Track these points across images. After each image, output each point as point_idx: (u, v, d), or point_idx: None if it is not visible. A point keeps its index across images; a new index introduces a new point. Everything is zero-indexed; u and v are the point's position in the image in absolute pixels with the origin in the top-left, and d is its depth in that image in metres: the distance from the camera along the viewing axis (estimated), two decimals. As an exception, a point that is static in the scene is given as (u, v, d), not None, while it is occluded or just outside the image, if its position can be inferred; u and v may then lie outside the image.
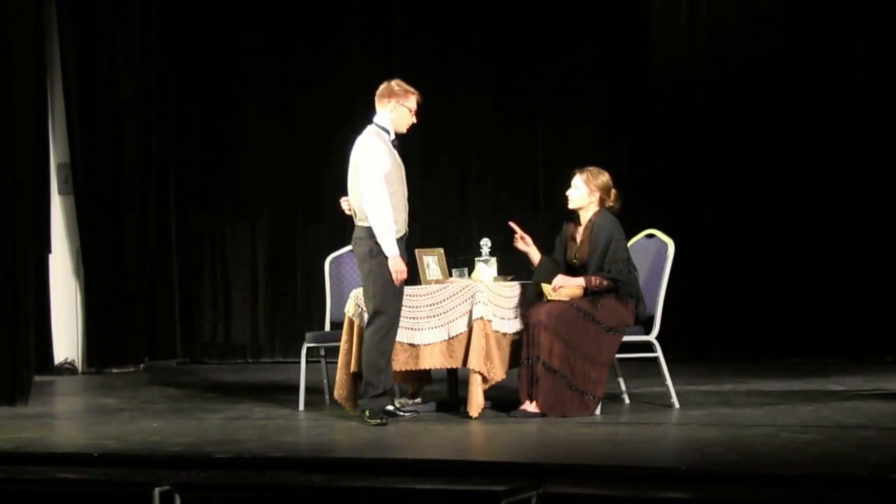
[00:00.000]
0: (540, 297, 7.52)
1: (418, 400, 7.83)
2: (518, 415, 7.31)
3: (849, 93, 10.34)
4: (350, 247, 7.64)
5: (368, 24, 11.45)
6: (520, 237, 7.67)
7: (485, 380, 7.33)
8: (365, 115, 7.49)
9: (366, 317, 7.32)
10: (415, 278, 7.62)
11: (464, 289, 7.45)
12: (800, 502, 5.07)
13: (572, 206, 7.63)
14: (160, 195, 11.46)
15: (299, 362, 8.09)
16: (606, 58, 10.91)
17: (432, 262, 7.71)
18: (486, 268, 7.68)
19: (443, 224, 11.04)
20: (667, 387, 7.64)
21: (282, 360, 11.43)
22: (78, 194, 10.86)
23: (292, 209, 11.59)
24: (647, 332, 7.62)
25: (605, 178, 7.59)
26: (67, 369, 10.75)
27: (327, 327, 8.32)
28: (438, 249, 7.86)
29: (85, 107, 10.83)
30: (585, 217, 7.59)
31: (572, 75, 11.01)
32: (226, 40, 11.60)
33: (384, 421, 7.18)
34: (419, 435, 6.92)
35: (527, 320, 7.42)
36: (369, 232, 7.21)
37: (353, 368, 7.46)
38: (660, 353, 7.60)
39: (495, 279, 7.65)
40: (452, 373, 7.75)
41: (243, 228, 11.67)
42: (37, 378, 9.20)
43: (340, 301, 8.14)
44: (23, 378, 8.47)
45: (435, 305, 7.44)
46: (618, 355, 7.56)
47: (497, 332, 7.42)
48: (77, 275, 11.01)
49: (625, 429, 7.00)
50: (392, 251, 7.17)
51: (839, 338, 10.25)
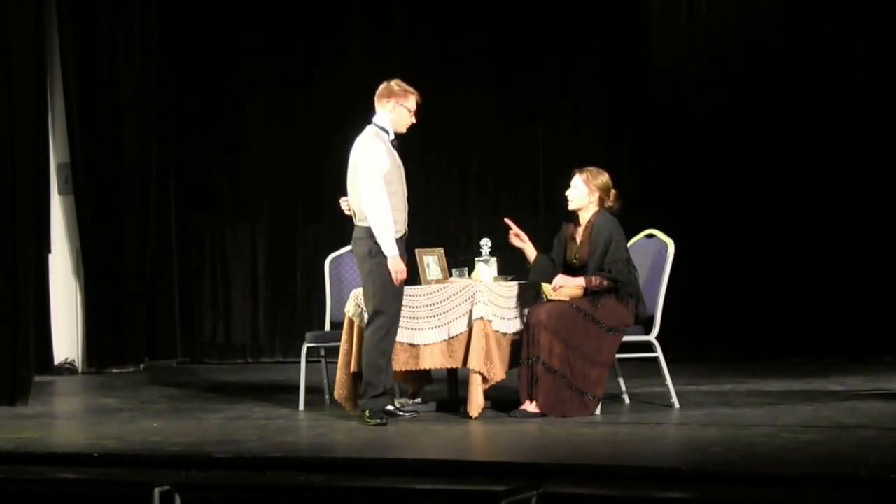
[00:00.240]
0: (538, 296, 7.52)
1: (418, 400, 7.83)
2: (518, 415, 7.31)
3: (849, 93, 10.34)
4: (350, 247, 7.64)
5: (368, 24, 11.45)
6: (515, 234, 7.67)
7: (485, 380, 7.32)
8: (365, 115, 7.49)
9: (366, 317, 7.32)
10: (415, 278, 7.62)
11: (464, 289, 7.44)
12: (800, 502, 5.07)
13: (572, 207, 7.62)
14: (160, 195, 11.45)
15: (299, 362, 8.09)
16: (606, 58, 10.91)
17: (432, 262, 7.71)
18: (486, 268, 7.68)
19: (443, 224, 11.05)
20: (667, 387, 7.64)
21: (282, 360, 11.42)
22: (78, 194, 10.85)
23: (292, 209, 11.58)
24: (647, 332, 7.61)
25: (604, 178, 7.58)
26: (67, 369, 10.74)
27: (327, 327, 8.32)
28: (438, 249, 7.85)
29: (85, 107, 10.82)
30: (585, 217, 7.59)
31: (572, 75, 11.01)
32: (226, 40, 11.60)
33: (384, 421, 7.18)
34: (419, 435, 6.92)
35: (527, 320, 7.42)
36: (369, 232, 7.21)
37: (353, 368, 7.46)
38: (660, 353, 7.60)
39: (495, 279, 7.65)
40: (452, 373, 7.75)
41: (243, 228, 11.67)
42: (37, 378, 9.19)
43: (340, 301, 8.14)
44: (23, 378, 8.47)
45: (435, 305, 7.44)
46: (618, 355, 7.56)
47: (497, 332, 7.41)
48: (77, 275, 11.01)
49: (625, 429, 7.00)
50: (391, 251, 7.16)
51: (839, 338, 10.25)
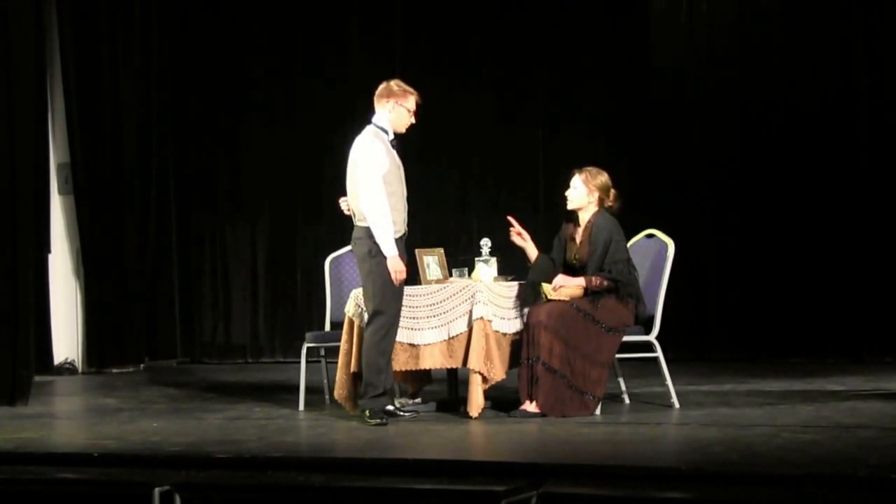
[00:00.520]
0: (538, 296, 7.52)
1: (418, 400, 7.83)
2: (518, 415, 7.31)
3: (849, 93, 10.34)
4: (350, 247, 7.64)
5: (368, 24, 11.44)
6: (517, 232, 7.67)
7: (485, 380, 7.32)
8: (365, 116, 7.48)
9: (366, 317, 7.32)
10: (415, 278, 7.61)
11: (464, 289, 7.44)
12: (800, 502, 5.07)
13: (571, 207, 7.62)
14: (160, 195, 11.45)
15: (299, 362, 8.09)
16: (606, 58, 10.91)
17: (432, 262, 7.71)
18: (486, 268, 7.67)
19: (443, 224, 11.05)
20: (667, 387, 7.64)
21: (282, 360, 11.42)
22: (78, 194, 10.85)
23: (292, 209, 11.58)
24: (647, 332, 7.61)
25: (604, 178, 7.58)
26: (67, 369, 10.74)
27: (327, 327, 8.32)
28: (438, 249, 7.85)
29: (85, 107, 10.82)
30: (584, 217, 7.58)
31: (572, 75, 11.01)
32: (226, 40, 11.60)
33: (384, 421, 7.18)
34: (419, 435, 6.92)
35: (527, 320, 7.42)
36: (368, 232, 7.20)
37: (353, 368, 7.46)
38: (660, 353, 7.60)
39: (495, 279, 7.65)
40: (452, 373, 7.74)
41: (243, 228, 11.67)
42: (37, 378, 9.18)
43: (340, 301, 8.14)
44: (23, 378, 8.46)
45: (435, 305, 7.44)
46: (618, 355, 7.56)
47: (497, 332, 7.41)
48: (77, 275, 11.01)
49: (625, 429, 7.00)
50: (390, 251, 7.16)
51: (839, 338, 10.25)
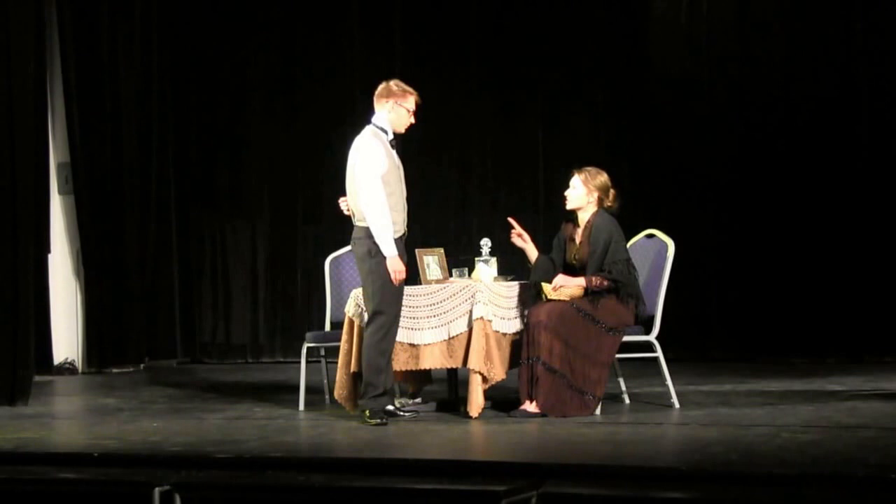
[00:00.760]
0: (538, 296, 7.52)
1: (418, 400, 7.82)
2: (518, 415, 7.30)
3: (849, 93, 10.33)
4: (350, 247, 7.64)
5: (368, 23, 11.44)
6: (517, 234, 7.66)
7: (485, 380, 7.32)
8: (365, 115, 7.48)
9: (366, 317, 7.31)
10: (415, 278, 7.61)
11: (464, 289, 7.44)
12: (800, 502, 5.07)
13: (571, 207, 7.61)
14: (160, 195, 11.45)
15: (299, 362, 8.09)
16: (606, 58, 10.91)
17: (432, 261, 7.71)
18: (486, 268, 7.67)
19: (443, 224, 11.04)
20: (667, 387, 7.64)
21: (282, 360, 11.42)
22: (78, 194, 10.85)
23: (292, 209, 11.58)
24: (647, 332, 7.61)
25: (603, 178, 7.57)
26: (67, 369, 10.73)
27: (327, 327, 8.32)
28: (438, 249, 7.85)
29: (85, 107, 10.81)
30: (584, 218, 7.57)
31: (572, 75, 11.00)
32: (226, 40, 11.59)
33: (384, 421, 7.17)
34: (419, 435, 6.92)
35: (527, 320, 7.42)
36: (368, 232, 7.20)
37: (353, 368, 7.46)
38: (660, 353, 7.60)
39: (495, 279, 7.64)
40: (452, 373, 7.74)
41: (243, 228, 11.66)
42: (37, 378, 9.17)
43: (340, 301, 8.14)
44: (23, 378, 8.46)
45: (435, 305, 7.44)
46: (618, 355, 7.56)
47: (497, 332, 7.41)
48: (77, 275, 11.00)
49: (625, 429, 7.00)
50: (390, 251, 7.16)
51: (839, 338, 10.24)
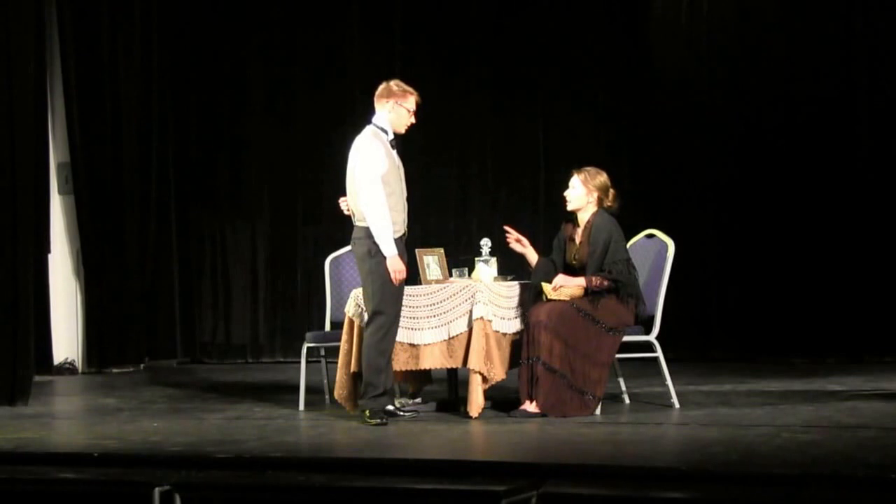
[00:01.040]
0: (538, 296, 7.52)
1: (418, 400, 7.82)
2: (518, 415, 7.31)
3: (849, 93, 10.33)
4: (350, 247, 7.64)
5: (369, 23, 11.44)
6: (516, 239, 7.66)
7: (485, 380, 7.32)
8: (365, 115, 7.49)
9: (366, 317, 7.31)
10: (415, 278, 7.61)
11: (464, 289, 7.44)
12: (800, 502, 5.07)
13: (570, 207, 7.61)
14: (160, 195, 11.45)
15: (299, 362, 8.09)
16: (606, 57, 10.91)
17: (432, 261, 7.71)
18: (486, 268, 7.67)
19: (443, 224, 11.05)
20: (667, 387, 7.64)
21: (282, 360, 11.42)
22: (78, 194, 10.85)
23: (292, 209, 11.58)
24: (647, 332, 7.62)
25: (602, 179, 7.57)
26: (67, 369, 10.73)
27: (327, 327, 8.32)
28: (438, 249, 7.85)
29: (85, 107, 10.81)
30: (583, 218, 7.57)
31: (572, 75, 11.00)
32: (226, 40, 11.59)
33: (384, 421, 7.18)
34: (419, 435, 6.92)
35: (527, 320, 7.42)
36: (368, 232, 7.20)
37: (353, 368, 7.46)
38: (660, 353, 7.60)
39: (495, 279, 7.65)
40: (452, 373, 7.74)
41: (243, 228, 11.66)
42: (37, 378, 9.18)
43: (340, 301, 8.14)
44: (23, 378, 8.47)
45: (435, 305, 7.44)
46: (618, 355, 7.56)
47: (497, 332, 7.41)
48: (77, 275, 11.00)
49: (625, 429, 7.00)
50: (390, 251, 7.16)
51: (839, 338, 10.24)
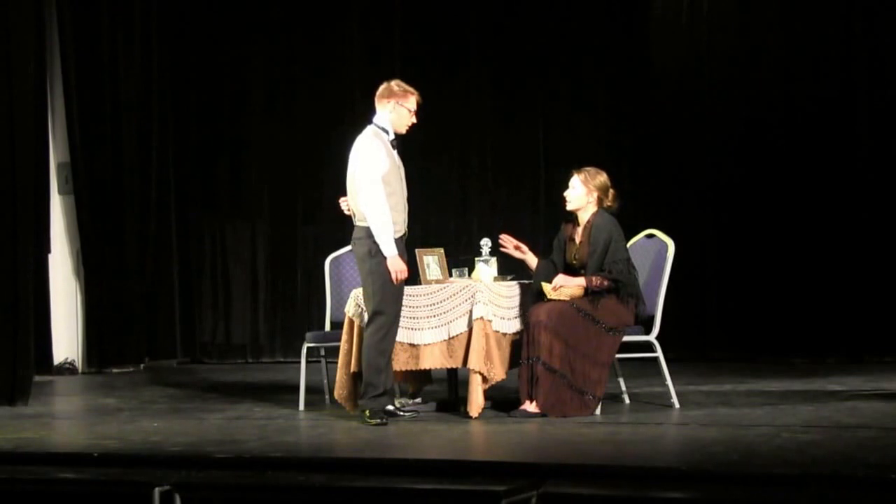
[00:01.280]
0: (540, 297, 7.52)
1: (418, 400, 7.82)
2: (518, 415, 7.31)
3: (849, 93, 10.33)
4: (350, 247, 7.64)
5: (368, 24, 11.44)
6: (515, 246, 7.67)
7: (485, 380, 7.32)
8: (365, 116, 7.48)
9: (366, 317, 7.31)
10: (415, 278, 7.61)
11: (464, 289, 7.44)
12: (800, 502, 5.07)
13: (570, 207, 7.60)
14: (160, 195, 11.44)
15: (299, 362, 8.09)
16: (607, 57, 10.91)
17: (432, 261, 7.71)
18: (486, 268, 7.67)
19: (443, 224, 11.04)
20: (667, 387, 7.64)
21: (282, 360, 11.42)
22: (78, 194, 10.85)
23: (292, 209, 11.58)
24: (647, 332, 7.61)
25: (602, 178, 7.57)
26: (67, 369, 10.73)
27: (327, 327, 8.32)
28: (438, 249, 7.85)
29: (85, 107, 10.81)
30: (583, 218, 7.57)
31: (573, 75, 11.00)
32: (226, 40, 11.59)
33: (384, 421, 7.18)
34: (419, 435, 6.92)
35: (527, 320, 7.42)
36: (368, 232, 7.20)
37: (353, 368, 7.46)
38: (660, 353, 7.60)
39: (495, 279, 7.65)
40: (452, 373, 7.74)
41: (243, 228, 11.66)
42: (37, 378, 9.18)
43: (340, 301, 8.14)
44: (23, 378, 8.46)
45: (435, 305, 7.44)
46: (618, 355, 7.56)
47: (497, 332, 7.41)
48: (77, 275, 11.00)
49: (625, 429, 7.00)
50: (390, 251, 7.16)
51: (839, 338, 10.24)
